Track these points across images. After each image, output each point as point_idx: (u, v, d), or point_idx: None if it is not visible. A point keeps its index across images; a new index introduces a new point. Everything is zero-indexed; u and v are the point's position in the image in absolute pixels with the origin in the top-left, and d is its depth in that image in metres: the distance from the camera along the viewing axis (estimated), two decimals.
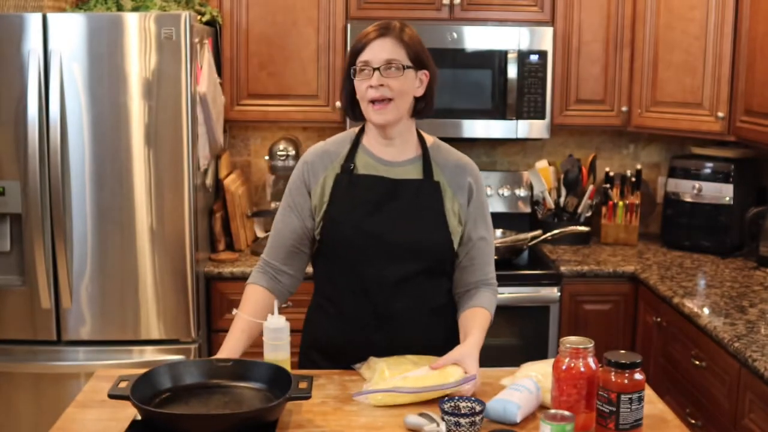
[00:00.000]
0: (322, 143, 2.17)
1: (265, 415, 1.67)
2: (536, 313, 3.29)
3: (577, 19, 3.52)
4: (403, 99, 2.01)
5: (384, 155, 2.09)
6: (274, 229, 2.15)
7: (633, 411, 1.66)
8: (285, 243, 2.11)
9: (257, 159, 3.86)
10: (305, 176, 2.11)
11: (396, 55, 1.98)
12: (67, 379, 3.04)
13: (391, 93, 1.98)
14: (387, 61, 1.98)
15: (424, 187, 2.05)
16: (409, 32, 2.03)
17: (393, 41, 1.99)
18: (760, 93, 3.04)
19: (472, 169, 2.14)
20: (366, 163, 2.09)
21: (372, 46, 1.99)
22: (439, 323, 2.12)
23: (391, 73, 1.98)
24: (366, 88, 1.99)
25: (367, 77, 1.99)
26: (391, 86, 1.98)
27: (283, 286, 2.12)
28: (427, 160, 2.09)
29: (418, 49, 2.03)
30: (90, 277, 3.00)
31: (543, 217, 3.80)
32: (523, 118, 3.48)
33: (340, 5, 3.46)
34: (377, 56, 1.98)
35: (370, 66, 1.98)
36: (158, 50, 2.91)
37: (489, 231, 2.17)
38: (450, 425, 1.69)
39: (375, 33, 2.00)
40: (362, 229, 2.02)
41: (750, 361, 2.30)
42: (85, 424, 1.79)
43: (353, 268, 2.05)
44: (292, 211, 2.11)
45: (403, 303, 2.05)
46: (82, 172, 2.95)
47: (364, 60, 1.99)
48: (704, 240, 3.53)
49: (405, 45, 2.00)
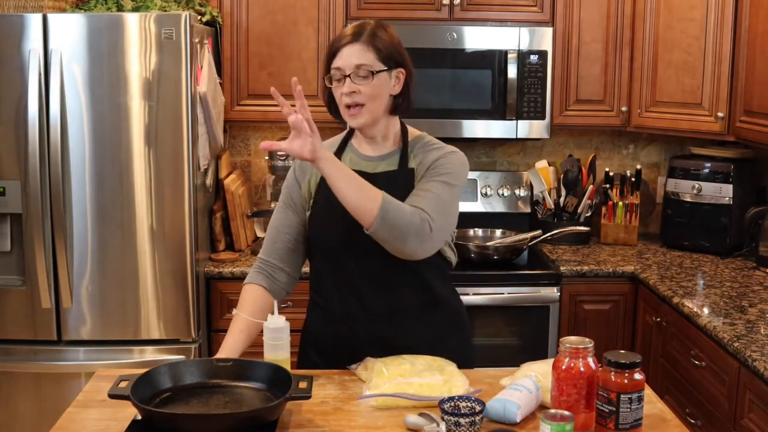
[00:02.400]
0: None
1: (265, 415, 1.67)
2: (536, 313, 3.29)
3: (576, 19, 3.52)
4: (376, 102, 2.04)
5: (366, 151, 2.15)
6: (270, 227, 2.19)
7: (633, 411, 1.66)
8: (282, 239, 2.15)
9: (257, 159, 3.86)
10: (296, 172, 2.18)
11: (366, 60, 2.01)
12: (68, 379, 3.04)
13: (363, 98, 2.02)
14: (357, 67, 2.01)
15: (398, 176, 2.08)
16: (381, 33, 2.04)
17: (362, 46, 2.01)
18: (759, 93, 3.04)
19: (447, 150, 2.10)
20: (351, 160, 2.14)
21: (342, 52, 2.02)
22: (427, 318, 2.14)
23: (361, 79, 2.01)
24: (340, 94, 2.04)
25: (340, 84, 2.03)
26: (362, 92, 2.01)
27: (280, 284, 2.14)
28: (404, 151, 2.12)
29: (391, 50, 2.04)
30: (90, 277, 3.01)
31: (543, 217, 3.80)
32: (522, 118, 3.48)
33: (340, 5, 3.46)
34: (347, 62, 2.01)
35: (342, 73, 2.02)
36: (158, 50, 2.91)
37: (435, 189, 2.01)
38: (450, 425, 1.69)
39: (346, 38, 2.03)
40: (340, 224, 2.05)
41: (749, 361, 2.30)
42: (85, 424, 1.79)
43: (337, 263, 2.10)
44: (288, 207, 2.16)
45: (387, 296, 2.09)
46: (82, 172, 2.95)
47: (336, 66, 2.03)
48: (704, 240, 3.54)
49: (375, 48, 2.02)
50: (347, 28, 2.07)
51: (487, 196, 3.78)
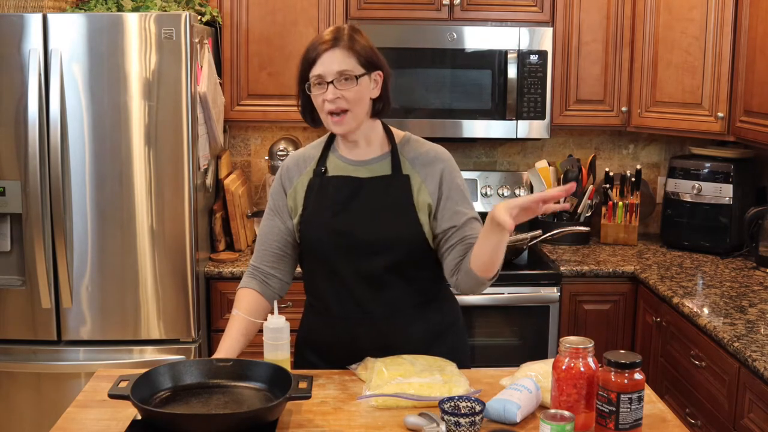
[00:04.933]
0: (302, 148, 2.23)
1: (265, 415, 1.68)
2: (536, 313, 3.29)
3: (576, 19, 3.52)
4: (360, 107, 2.03)
5: (352, 156, 2.13)
6: (259, 233, 2.20)
7: (633, 411, 1.66)
8: (270, 247, 2.16)
9: (257, 159, 3.86)
10: (282, 180, 2.17)
11: (347, 66, 2.00)
12: (68, 379, 3.04)
13: (347, 104, 2.01)
14: (339, 73, 1.99)
15: (393, 183, 2.07)
16: (358, 37, 2.04)
17: (342, 51, 2.00)
18: (759, 93, 3.04)
19: (442, 156, 2.14)
20: (336, 165, 2.13)
21: (323, 59, 2.00)
22: (423, 321, 2.14)
23: (345, 84, 2.00)
24: (322, 101, 2.02)
25: (321, 91, 2.01)
26: (346, 97, 2.00)
27: (272, 289, 2.16)
28: (395, 155, 2.11)
29: (369, 53, 2.04)
30: (90, 277, 3.01)
31: (543, 217, 3.80)
32: (522, 119, 3.48)
33: (340, 5, 3.46)
34: (329, 69, 1.99)
35: (324, 80, 2.00)
36: (158, 50, 2.91)
37: (474, 211, 2.13)
38: (450, 425, 1.69)
39: (325, 45, 2.01)
40: (333, 229, 2.06)
41: (749, 361, 2.30)
42: (85, 424, 1.80)
43: (331, 267, 2.09)
44: (275, 215, 2.17)
45: (383, 300, 2.08)
46: (82, 172, 2.95)
47: (317, 74, 2.01)
48: (704, 240, 3.54)
49: (355, 53, 2.01)
50: (323, 34, 2.04)
51: (487, 196, 3.78)
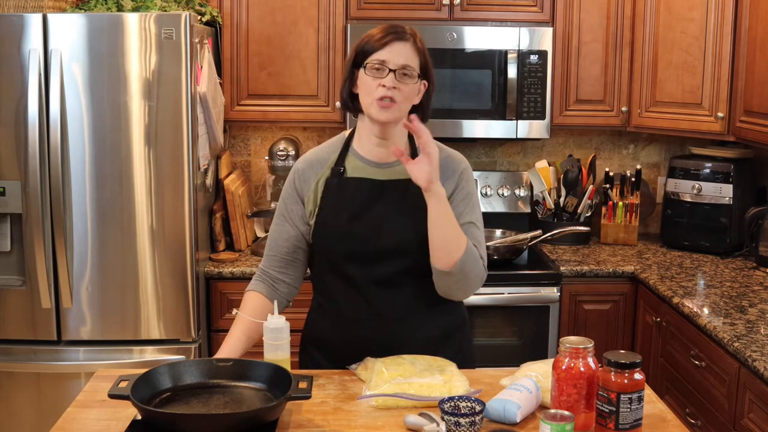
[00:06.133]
0: (313, 149, 2.20)
1: (265, 415, 1.67)
2: (536, 313, 3.29)
3: (576, 19, 3.52)
4: (406, 104, 2.03)
5: (373, 157, 2.11)
6: (269, 238, 2.18)
7: (633, 411, 1.66)
8: (280, 251, 2.15)
9: (257, 159, 3.86)
10: (296, 184, 2.14)
11: (412, 62, 2.01)
12: (67, 379, 3.04)
13: (399, 97, 2.00)
14: (403, 66, 1.99)
15: (412, 187, 2.05)
16: (421, 41, 2.05)
17: (412, 48, 2.01)
18: (759, 93, 3.04)
19: (461, 161, 2.15)
20: (355, 166, 2.11)
21: (392, 47, 1.99)
22: (434, 322, 2.13)
23: (405, 78, 2.00)
24: (377, 86, 1.99)
25: (380, 76, 1.99)
26: (401, 90, 2.00)
27: (280, 294, 2.15)
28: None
29: (427, 59, 2.06)
30: (90, 277, 3.00)
31: (543, 217, 3.80)
32: (522, 119, 3.48)
33: (340, 5, 3.46)
34: (395, 59, 1.99)
35: (386, 66, 1.99)
36: (158, 50, 2.91)
37: (478, 219, 2.13)
38: (450, 425, 1.69)
39: (393, 36, 2.00)
40: (350, 231, 2.05)
41: (749, 361, 2.30)
42: (85, 424, 1.79)
43: (344, 269, 2.08)
44: (286, 220, 2.15)
45: (395, 301, 2.08)
46: (82, 172, 2.95)
47: (381, 59, 1.99)
48: (704, 240, 3.54)
49: (421, 54, 2.03)
50: (391, 26, 2.04)
51: (487, 196, 3.78)
